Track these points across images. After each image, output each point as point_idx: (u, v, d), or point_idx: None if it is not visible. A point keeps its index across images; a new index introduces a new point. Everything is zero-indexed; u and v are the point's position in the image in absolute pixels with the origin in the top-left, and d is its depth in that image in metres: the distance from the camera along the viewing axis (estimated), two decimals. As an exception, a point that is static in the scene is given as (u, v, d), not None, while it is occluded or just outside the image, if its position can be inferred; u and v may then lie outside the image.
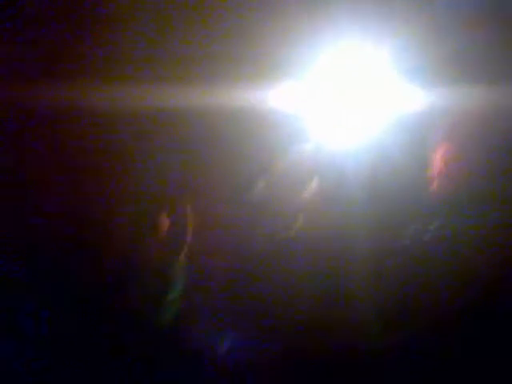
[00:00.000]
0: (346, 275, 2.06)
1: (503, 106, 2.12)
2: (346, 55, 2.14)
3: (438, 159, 2.16)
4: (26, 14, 2.17)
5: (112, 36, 2.14)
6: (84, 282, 2.10)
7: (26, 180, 2.16)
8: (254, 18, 2.10)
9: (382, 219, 2.08)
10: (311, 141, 2.18)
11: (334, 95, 2.17)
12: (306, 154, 2.17)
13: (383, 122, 2.14)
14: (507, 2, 2.16)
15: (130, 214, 2.14)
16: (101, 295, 2.08)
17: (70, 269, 2.10)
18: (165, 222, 2.15)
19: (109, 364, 2.07)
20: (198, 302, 2.11)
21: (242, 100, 2.09)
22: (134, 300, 2.09)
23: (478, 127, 2.14)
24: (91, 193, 2.12)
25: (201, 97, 2.09)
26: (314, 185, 2.16)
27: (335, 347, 2.02)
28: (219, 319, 2.10)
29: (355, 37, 2.12)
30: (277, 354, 2.05)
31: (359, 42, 2.13)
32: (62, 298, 2.10)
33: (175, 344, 2.09)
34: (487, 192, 2.08)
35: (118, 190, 2.12)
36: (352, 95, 2.16)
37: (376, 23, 2.11)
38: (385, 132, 2.14)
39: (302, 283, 2.07)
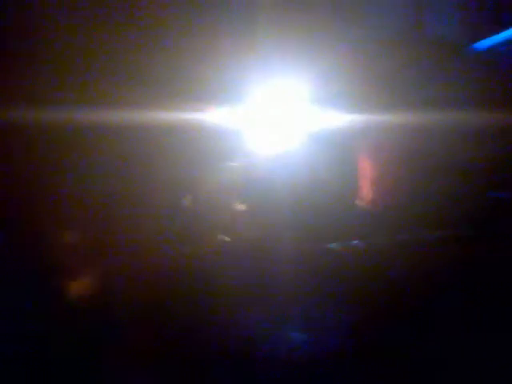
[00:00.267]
0: (274, 285, 2.10)
1: (423, 127, 2.25)
2: (276, 82, 2.26)
3: (362, 176, 2.26)
4: None
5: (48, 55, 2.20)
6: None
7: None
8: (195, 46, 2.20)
9: (310, 231, 2.14)
10: (241, 158, 2.25)
11: (264, 118, 2.26)
12: (236, 170, 2.24)
13: (309, 141, 2.24)
14: (423, 30, 2.33)
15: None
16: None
17: None
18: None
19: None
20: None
21: (177, 118, 2.17)
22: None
23: (398, 147, 2.27)
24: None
25: (140, 114, 2.16)
26: (242, 199, 2.22)
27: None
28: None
29: (284, 66, 2.25)
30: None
31: (288, 70, 2.25)
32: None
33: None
34: (408, 206, 2.18)
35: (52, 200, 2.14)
36: (280, 117, 2.26)
37: (302, 54, 2.24)
38: (311, 150, 2.24)
39: (229, 293, 2.10)
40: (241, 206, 2.23)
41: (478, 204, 2.21)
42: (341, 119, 2.25)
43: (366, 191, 2.23)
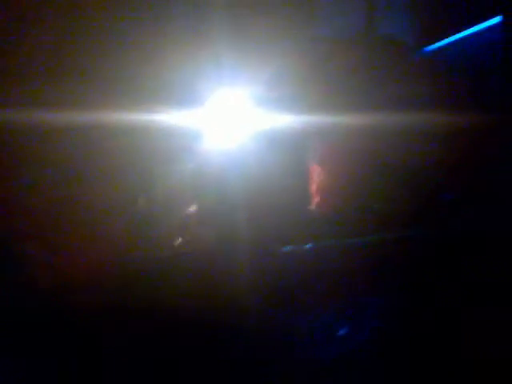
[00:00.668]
0: (228, 287, 2.11)
1: (373, 129, 2.27)
2: (229, 83, 2.25)
3: (314, 178, 2.28)
4: None
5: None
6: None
7: None
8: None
9: (262, 233, 2.15)
10: (195, 161, 2.24)
11: (217, 120, 2.26)
12: (189, 172, 2.23)
13: (261, 143, 2.24)
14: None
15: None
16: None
17: None
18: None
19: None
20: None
21: (130, 119, 2.14)
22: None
23: (349, 149, 2.29)
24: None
25: (93, 115, 2.13)
26: (196, 201, 2.21)
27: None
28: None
29: (236, 67, 2.24)
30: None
31: (240, 72, 2.24)
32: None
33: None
34: (359, 208, 2.21)
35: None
36: (233, 121, 2.26)
37: (254, 56, 2.24)
38: (263, 152, 2.24)
39: (185, 294, 2.10)
40: (194, 208, 2.22)
41: (427, 205, 2.25)
42: (292, 121, 2.25)
43: (318, 194, 2.25)
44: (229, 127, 2.25)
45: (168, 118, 2.19)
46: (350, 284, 2.09)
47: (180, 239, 2.21)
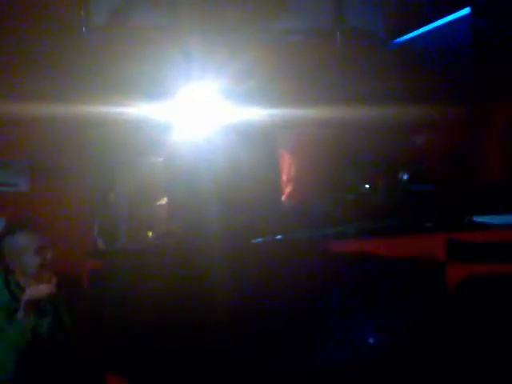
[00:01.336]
0: (200, 277, 2.10)
1: (343, 122, 2.27)
2: (199, 78, 2.25)
3: (284, 171, 2.28)
4: None
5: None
6: None
7: None
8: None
9: (233, 226, 2.15)
10: (165, 154, 2.24)
11: (188, 114, 2.25)
12: (159, 167, 2.23)
13: (232, 138, 2.24)
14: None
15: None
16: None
17: None
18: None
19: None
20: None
21: (99, 112, 2.14)
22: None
23: (319, 142, 2.29)
24: None
25: (63, 108, 2.12)
26: (166, 194, 2.21)
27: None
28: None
29: (206, 62, 2.24)
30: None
31: (210, 66, 2.24)
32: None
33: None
34: (329, 200, 2.21)
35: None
36: (203, 114, 2.25)
37: (224, 50, 2.24)
38: (234, 146, 2.24)
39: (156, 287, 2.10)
40: (165, 202, 2.21)
41: (398, 196, 2.26)
42: (263, 114, 2.25)
43: (289, 186, 2.25)
44: (199, 120, 2.24)
45: (137, 111, 2.18)
46: (321, 275, 2.09)
47: (151, 232, 2.21)
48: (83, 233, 2.22)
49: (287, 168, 2.30)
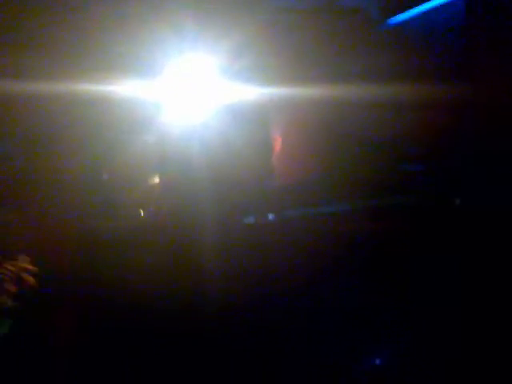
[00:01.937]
0: (193, 259, 2.11)
1: (336, 101, 2.27)
2: (190, 57, 2.23)
3: (277, 150, 2.28)
4: None
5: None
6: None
7: None
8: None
9: (225, 205, 2.15)
10: (157, 133, 2.23)
11: (179, 92, 2.24)
12: (151, 146, 2.22)
13: (224, 115, 2.23)
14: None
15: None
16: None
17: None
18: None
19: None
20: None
21: (90, 90, 2.12)
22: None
23: (312, 121, 2.29)
24: None
25: (53, 86, 2.10)
26: (158, 172, 2.20)
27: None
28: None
29: (198, 41, 2.22)
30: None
31: (202, 45, 2.22)
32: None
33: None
34: (322, 179, 2.22)
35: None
36: (195, 91, 2.24)
37: (216, 27, 2.22)
38: (226, 124, 2.23)
39: (148, 265, 2.10)
40: (156, 180, 2.21)
41: (390, 176, 2.27)
42: (255, 93, 2.25)
43: (281, 165, 2.25)
44: (191, 98, 2.23)
45: (128, 89, 2.16)
46: (314, 254, 2.11)
47: (143, 210, 2.20)
48: (74, 211, 2.21)
49: (280, 147, 2.30)
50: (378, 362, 2.05)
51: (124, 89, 2.14)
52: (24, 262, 2.19)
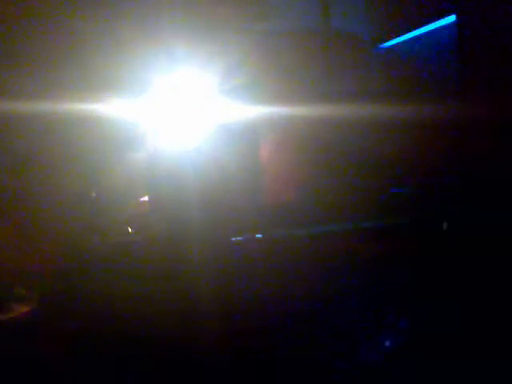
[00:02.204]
0: (183, 275, 2.11)
1: (327, 121, 2.28)
2: (181, 73, 2.26)
3: (266, 169, 2.29)
4: None
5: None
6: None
7: None
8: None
9: (213, 223, 2.16)
10: (147, 151, 2.24)
11: (170, 110, 2.26)
12: (141, 164, 2.23)
13: (214, 133, 2.25)
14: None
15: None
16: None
17: None
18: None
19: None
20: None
21: (82, 110, 2.14)
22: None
23: (302, 141, 2.30)
24: None
25: (43, 105, 2.12)
26: (147, 190, 2.21)
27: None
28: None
29: (189, 57, 2.25)
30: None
31: (192, 64, 2.25)
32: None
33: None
34: (311, 200, 2.22)
35: None
36: (184, 110, 2.27)
37: (207, 45, 2.25)
38: (215, 142, 2.25)
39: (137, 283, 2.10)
40: (145, 197, 2.22)
41: (380, 198, 2.27)
42: (245, 111, 2.26)
43: (270, 185, 2.26)
44: (181, 117, 2.25)
45: (119, 107, 2.19)
46: (300, 272, 2.10)
47: (132, 228, 2.21)
48: (64, 228, 2.22)
49: (269, 166, 2.30)
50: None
51: (113, 107, 2.16)
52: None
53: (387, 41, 2.49)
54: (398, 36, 2.47)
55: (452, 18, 2.41)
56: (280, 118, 2.24)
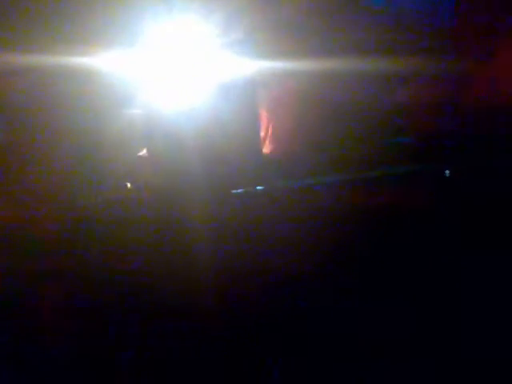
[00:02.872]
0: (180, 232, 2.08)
1: (327, 74, 2.25)
2: (179, 26, 2.20)
3: (266, 124, 2.26)
4: None
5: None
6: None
7: None
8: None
9: (214, 176, 2.13)
10: (144, 105, 2.20)
11: (167, 63, 2.21)
12: (138, 118, 2.19)
13: (212, 87, 2.21)
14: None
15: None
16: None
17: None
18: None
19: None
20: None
21: (77, 64, 2.09)
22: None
23: (302, 94, 2.27)
24: None
25: (38, 59, 2.07)
26: (145, 146, 2.18)
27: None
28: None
29: (186, 9, 2.20)
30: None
31: (191, 14, 2.20)
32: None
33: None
34: (311, 151, 2.20)
35: None
36: (184, 63, 2.22)
37: (204, 4, 2.20)
38: (215, 97, 2.21)
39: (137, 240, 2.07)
40: (144, 154, 2.18)
41: (381, 149, 2.25)
42: (244, 66, 2.22)
43: (270, 137, 2.23)
44: (179, 72, 2.21)
45: (115, 61, 2.14)
46: (302, 226, 2.09)
47: (131, 184, 2.18)
48: (63, 186, 2.18)
49: (269, 120, 2.27)
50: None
51: (109, 60, 2.11)
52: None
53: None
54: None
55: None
56: (279, 72, 2.20)
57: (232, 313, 2.08)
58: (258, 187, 2.15)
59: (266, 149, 2.23)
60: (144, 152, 2.18)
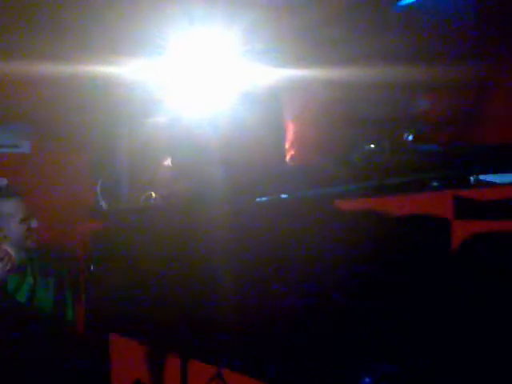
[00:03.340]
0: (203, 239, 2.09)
1: (349, 83, 2.25)
2: (204, 36, 2.22)
3: (289, 132, 2.26)
4: None
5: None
6: None
7: None
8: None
9: (236, 186, 2.13)
10: (169, 114, 2.22)
11: (192, 73, 2.23)
12: (162, 127, 2.21)
13: (237, 98, 2.22)
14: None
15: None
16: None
17: None
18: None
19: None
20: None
21: (102, 73, 2.11)
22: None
23: (325, 102, 2.27)
24: None
25: (64, 68, 2.09)
26: (170, 155, 2.19)
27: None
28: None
29: (209, 20, 2.21)
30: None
31: (213, 24, 2.22)
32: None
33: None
34: (334, 160, 2.19)
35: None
36: (208, 72, 2.24)
37: (227, 7, 2.21)
38: (239, 106, 2.22)
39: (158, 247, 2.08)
40: (168, 162, 2.20)
41: (403, 156, 2.24)
42: (268, 75, 2.23)
43: (293, 146, 2.23)
44: (203, 80, 2.22)
45: (140, 70, 2.16)
46: (326, 234, 2.07)
47: (154, 193, 2.19)
48: (85, 193, 2.20)
49: (292, 128, 2.28)
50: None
51: (135, 70, 2.13)
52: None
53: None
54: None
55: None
56: (303, 80, 2.21)
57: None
58: (283, 195, 2.15)
59: (290, 157, 2.23)
60: (168, 161, 2.19)
